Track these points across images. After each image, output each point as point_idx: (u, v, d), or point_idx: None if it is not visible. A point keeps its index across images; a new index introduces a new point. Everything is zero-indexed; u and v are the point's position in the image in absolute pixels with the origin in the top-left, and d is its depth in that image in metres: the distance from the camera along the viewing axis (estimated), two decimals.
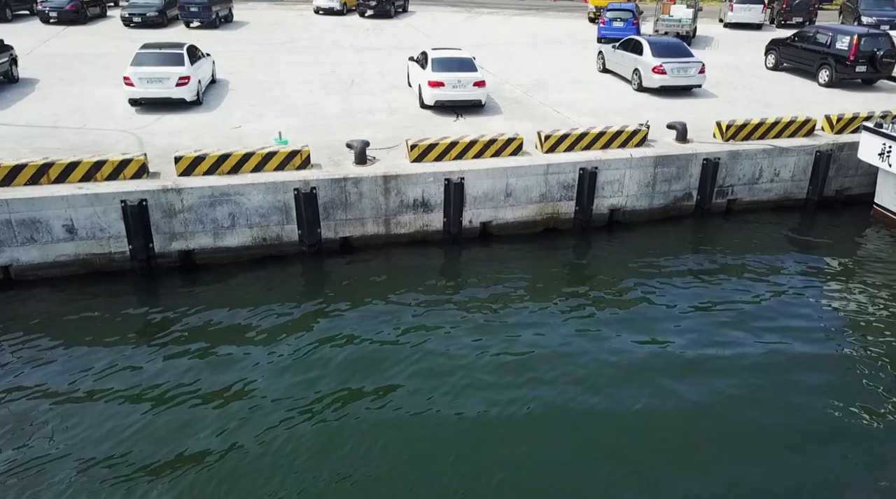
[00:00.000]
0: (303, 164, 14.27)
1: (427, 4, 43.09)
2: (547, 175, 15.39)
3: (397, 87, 21.81)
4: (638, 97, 21.16)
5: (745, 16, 33.10)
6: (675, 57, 21.08)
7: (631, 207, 16.31)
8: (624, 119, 18.69)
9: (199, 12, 31.44)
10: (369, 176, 14.30)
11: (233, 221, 13.81)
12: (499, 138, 15.36)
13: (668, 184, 16.33)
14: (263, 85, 21.64)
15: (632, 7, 30.02)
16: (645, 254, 15.18)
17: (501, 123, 18.22)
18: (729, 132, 16.76)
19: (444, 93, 18.50)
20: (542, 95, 21.19)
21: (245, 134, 16.72)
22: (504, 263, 14.85)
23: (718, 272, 14.49)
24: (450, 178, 14.74)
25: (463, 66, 18.99)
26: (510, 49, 28.91)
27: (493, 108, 19.60)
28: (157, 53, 18.32)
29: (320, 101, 19.81)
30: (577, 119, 18.65)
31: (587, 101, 20.62)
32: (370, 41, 30.17)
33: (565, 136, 15.74)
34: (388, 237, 14.95)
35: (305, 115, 18.37)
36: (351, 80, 22.74)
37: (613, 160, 15.72)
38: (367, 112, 18.89)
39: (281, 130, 16.90)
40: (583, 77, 23.89)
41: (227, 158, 13.80)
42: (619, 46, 23.25)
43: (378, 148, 15.78)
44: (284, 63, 25.09)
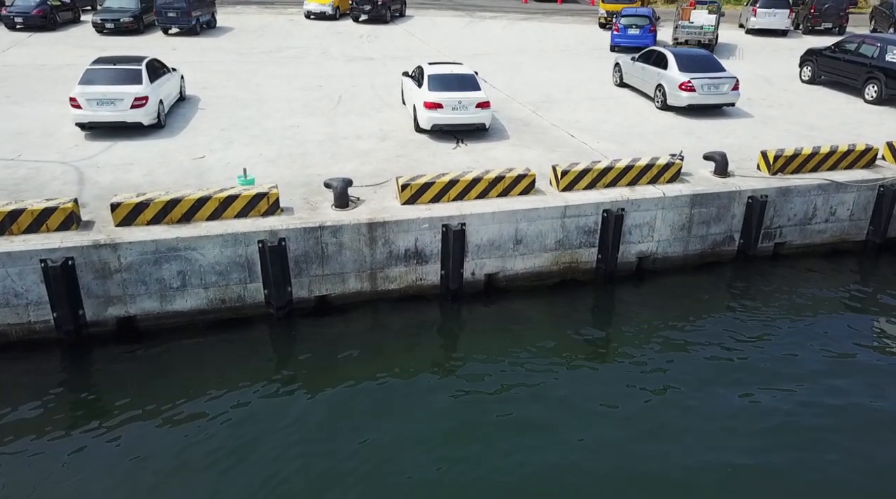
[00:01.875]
0: (270, 208, 11.79)
1: (426, 8, 40.62)
2: (564, 218, 12.91)
3: (390, 106, 19.32)
4: (663, 118, 18.65)
5: (770, 21, 30.59)
6: (704, 71, 18.58)
7: (663, 253, 13.82)
8: (649, 145, 16.21)
9: (178, 17, 28.98)
10: (351, 223, 11.82)
11: (184, 280, 11.33)
12: (507, 175, 12.87)
13: (706, 226, 13.84)
14: (239, 103, 19.15)
15: (648, 13, 27.51)
16: (678, 309, 12.76)
17: (508, 151, 15.73)
18: (777, 164, 14.27)
19: (443, 116, 16.01)
20: (554, 115, 18.69)
21: (208, 167, 14.23)
22: (513, 322, 12.43)
23: (763, 329, 12.10)
24: (448, 224, 12.26)
25: (464, 83, 16.49)
26: (516, 59, 26.41)
27: (499, 131, 17.11)
28: (110, 70, 15.85)
29: (301, 124, 17.32)
30: (595, 145, 16.16)
31: (605, 122, 18.11)
32: (363, 50, 27.69)
33: (586, 171, 13.25)
34: (373, 294, 12.47)
35: (282, 142, 15.87)
36: (338, 96, 20.26)
37: (643, 200, 13.23)
38: (354, 137, 16.40)
39: (252, 160, 14.47)
40: (598, 92, 21.38)
41: (177, 204, 11.31)
42: (638, 58, 20.75)
43: (364, 184, 13.31)
44: (266, 76, 22.60)
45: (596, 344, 12.01)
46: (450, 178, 12.64)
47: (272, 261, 11.49)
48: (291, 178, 13.67)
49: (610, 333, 12.43)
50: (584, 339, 12.07)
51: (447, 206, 12.50)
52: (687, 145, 16.24)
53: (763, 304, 13.09)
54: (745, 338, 11.85)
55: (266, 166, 14.28)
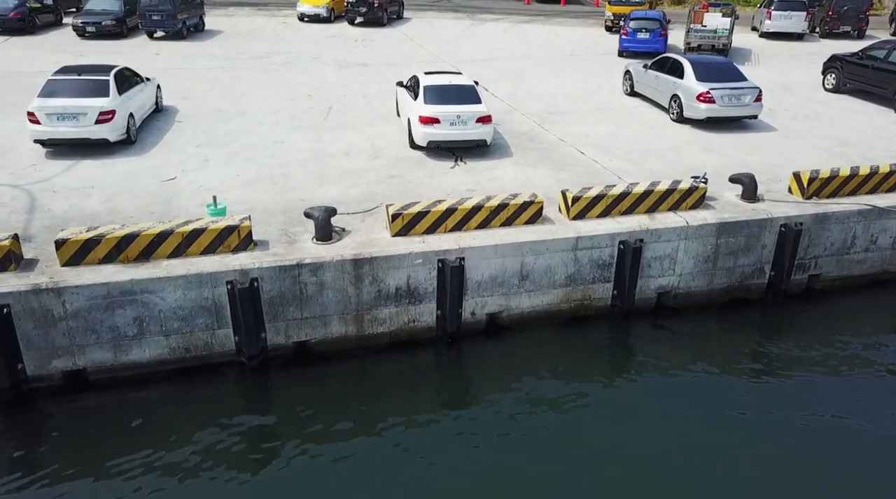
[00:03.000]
0: (242, 243, 10.33)
1: (424, 10, 39.15)
2: (576, 251, 11.45)
3: (383, 118, 17.85)
4: (678, 131, 17.18)
5: (786, 24, 29.08)
6: (724, 81, 17.11)
7: (685, 288, 12.36)
8: (666, 163, 14.75)
9: (163, 20, 27.51)
10: (333, 260, 10.36)
11: (141, 327, 9.87)
12: (511, 203, 11.41)
13: (733, 258, 12.38)
14: (220, 116, 17.68)
15: (659, 16, 26.03)
16: (702, 350, 11.42)
17: (512, 170, 14.27)
18: (812, 187, 12.81)
19: (440, 131, 14.55)
20: (561, 128, 17.22)
21: (178, 191, 12.77)
22: (518, 365, 11.05)
23: (796, 373, 10.71)
24: (445, 258, 10.81)
25: (463, 96, 15.04)
26: (519, 65, 24.95)
27: (501, 147, 15.65)
28: (74, 81, 14.39)
29: (285, 140, 15.85)
30: (607, 164, 14.69)
31: (617, 136, 16.64)
32: (357, 55, 26.23)
33: (599, 197, 11.79)
34: (360, 339, 11.02)
35: (262, 161, 14.41)
36: (328, 107, 18.79)
37: (664, 230, 11.77)
38: (343, 155, 14.93)
39: (228, 182, 13.06)
40: (607, 102, 19.91)
41: (134, 240, 9.86)
42: (651, 66, 19.29)
43: (350, 212, 11.86)
44: (252, 85, 21.13)
45: (612, 388, 10.58)
46: (446, 206, 11.18)
47: (243, 304, 10.03)
48: (270, 204, 12.21)
49: (627, 377, 10.98)
50: (598, 381, 10.64)
51: (444, 238, 11.04)
52: (707, 164, 14.80)
53: (796, 345, 11.67)
54: (778, 384, 10.42)
55: (243, 190, 12.82)
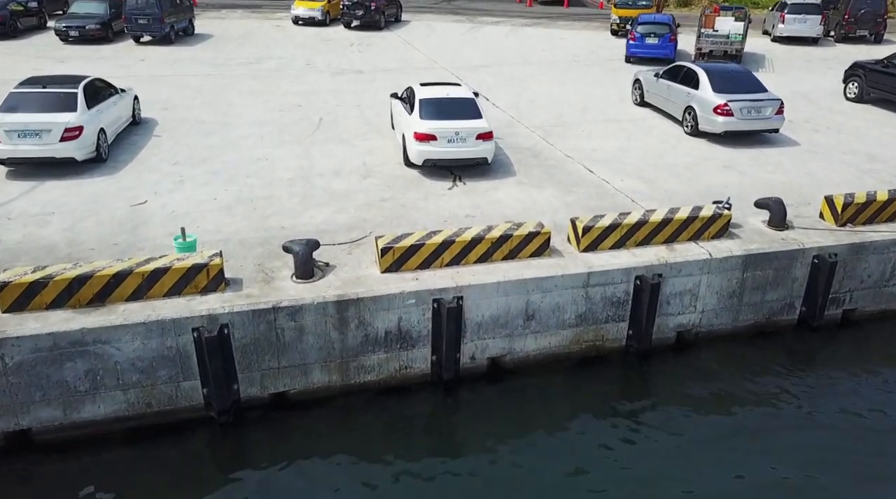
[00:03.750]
0: (211, 284, 9.15)
1: (423, 12, 37.97)
2: (587, 288, 10.27)
3: (377, 131, 16.67)
4: (693, 146, 15.98)
5: (800, 28, 27.88)
6: (743, 92, 15.91)
7: (707, 325, 11.18)
8: (682, 183, 13.56)
9: (150, 25, 26.34)
10: (314, 302, 9.18)
11: (94, 381, 8.70)
12: (514, 234, 10.22)
13: (760, 292, 11.19)
14: (202, 129, 16.51)
15: (668, 20, 24.82)
16: (725, 395, 10.23)
17: (515, 192, 13.09)
18: (847, 214, 11.62)
19: (437, 149, 13.37)
20: (567, 143, 16.03)
21: (147, 217, 11.59)
22: (522, 414, 9.90)
23: (832, 418, 9.49)
24: (441, 298, 9.63)
25: (462, 110, 13.86)
26: (521, 71, 23.75)
27: (503, 165, 14.46)
28: (38, 94, 13.24)
29: (270, 156, 14.67)
30: (618, 184, 13.51)
31: (627, 152, 15.45)
32: (352, 61, 25.04)
33: (613, 227, 10.60)
34: (345, 388, 9.85)
35: (244, 181, 13.23)
36: (319, 119, 17.61)
37: (685, 263, 10.58)
38: (332, 174, 13.75)
39: (204, 206, 11.91)
40: (615, 113, 18.72)
41: (87, 281, 8.69)
42: (663, 75, 18.09)
43: (336, 242, 10.69)
44: (240, 93, 19.95)
45: (627, 440, 9.39)
46: (443, 238, 9.99)
47: (211, 353, 8.85)
48: (247, 233, 11.03)
49: (643, 427, 9.76)
50: (612, 432, 9.44)
51: (439, 274, 9.86)
52: (727, 183, 13.62)
53: (831, 390, 10.48)
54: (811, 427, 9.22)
55: (219, 216, 11.64)
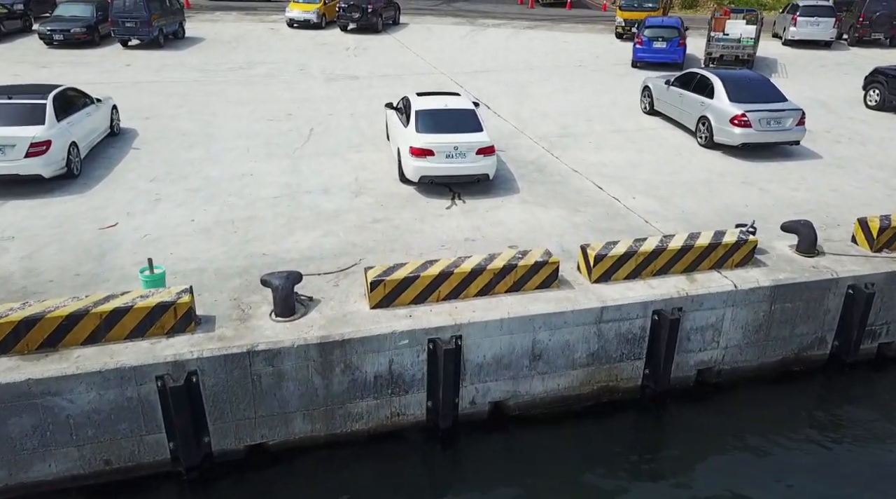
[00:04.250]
0: (180, 323, 8.15)
1: (422, 14, 36.96)
2: (600, 324, 9.26)
3: (371, 142, 15.67)
4: (709, 159, 14.96)
5: (812, 31, 26.87)
6: (761, 101, 14.92)
7: (731, 362, 10.16)
8: (699, 201, 12.56)
9: (137, 28, 25.34)
10: (295, 345, 8.18)
11: (44, 438, 7.69)
12: (519, 263, 9.21)
13: (789, 326, 10.18)
14: (185, 140, 15.50)
15: (677, 23, 23.81)
16: (750, 439, 9.20)
17: (518, 211, 12.08)
18: (883, 238, 10.60)
19: (434, 165, 12.37)
20: (574, 155, 15.03)
21: (117, 242, 10.58)
22: (526, 462, 8.89)
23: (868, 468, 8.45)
24: (438, 338, 8.63)
25: (461, 122, 12.86)
26: (524, 77, 22.74)
27: (506, 181, 13.46)
28: (2, 106, 12.22)
29: (256, 171, 13.67)
30: (630, 203, 12.50)
31: (638, 166, 14.44)
32: (347, 66, 24.03)
33: (628, 256, 9.59)
34: (331, 438, 8.84)
35: (225, 200, 12.23)
36: (310, 129, 16.61)
37: (707, 296, 9.57)
38: (321, 191, 12.75)
39: (180, 229, 10.90)
40: (624, 122, 17.70)
41: (37, 324, 7.68)
42: (675, 82, 17.08)
43: (322, 272, 9.69)
44: (227, 101, 18.94)
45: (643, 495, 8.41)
46: (440, 269, 8.98)
47: (178, 404, 7.85)
48: (225, 260, 10.02)
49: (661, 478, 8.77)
50: (627, 485, 8.44)
51: (436, 309, 8.85)
52: (747, 201, 12.62)
53: (867, 435, 9.46)
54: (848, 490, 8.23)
55: (195, 241, 10.63)
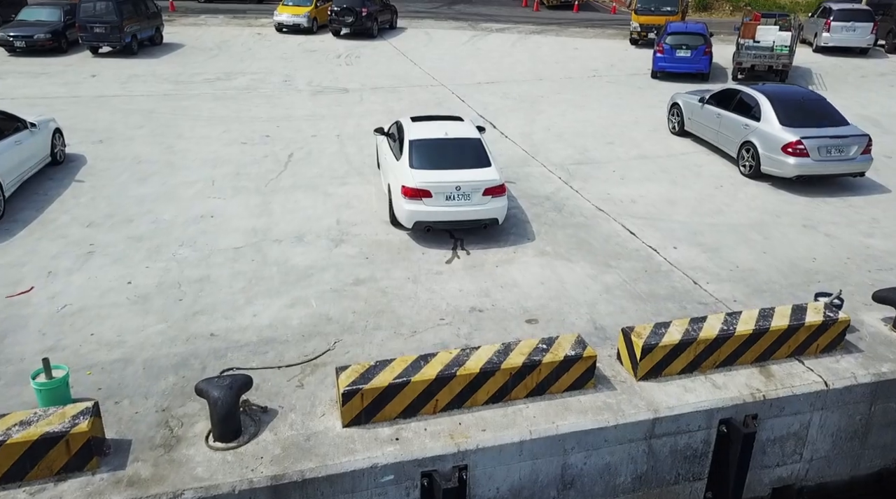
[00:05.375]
0: (76, 460, 5.86)
1: (421, 18, 34.67)
2: (651, 440, 6.98)
3: (358, 172, 13.40)
4: (758, 194, 12.66)
5: (848, 38, 24.59)
6: (818, 125, 12.65)
7: (816, 477, 7.88)
8: (754, 252, 10.26)
9: (107, 34, 23.05)
10: (236, 490, 5.88)
11: None
12: (543, 360, 6.92)
13: (889, 430, 7.89)
14: (140, 169, 13.22)
15: (702, 30, 21.49)
16: None
17: (535, 267, 9.79)
18: None
19: (432, 209, 10.08)
20: (597, 188, 12.75)
21: (25, 317, 8.29)
22: None
23: None
24: (434, 471, 6.34)
25: (465, 155, 10.59)
26: (533, 90, 20.45)
27: (518, 223, 11.18)
28: None
29: (218, 212, 11.38)
30: (670, 254, 10.21)
31: (674, 203, 12.16)
32: (337, 76, 21.73)
33: (684, 345, 7.30)
34: None
35: (175, 253, 9.93)
36: (288, 155, 14.32)
37: (789, 399, 7.28)
38: (293, 240, 10.45)
39: (112, 295, 8.62)
40: (651, 146, 15.40)
41: None
42: (710, 100, 14.79)
43: (283, 363, 7.40)
44: (197, 120, 16.64)
45: None
46: (437, 370, 6.69)
47: None
48: (161, 346, 7.74)
49: None
50: None
51: (432, 427, 6.57)
52: (815, 253, 10.35)
53: None
54: None
55: (127, 314, 8.34)
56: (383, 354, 7.68)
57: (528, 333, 8.13)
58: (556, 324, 8.36)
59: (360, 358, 7.57)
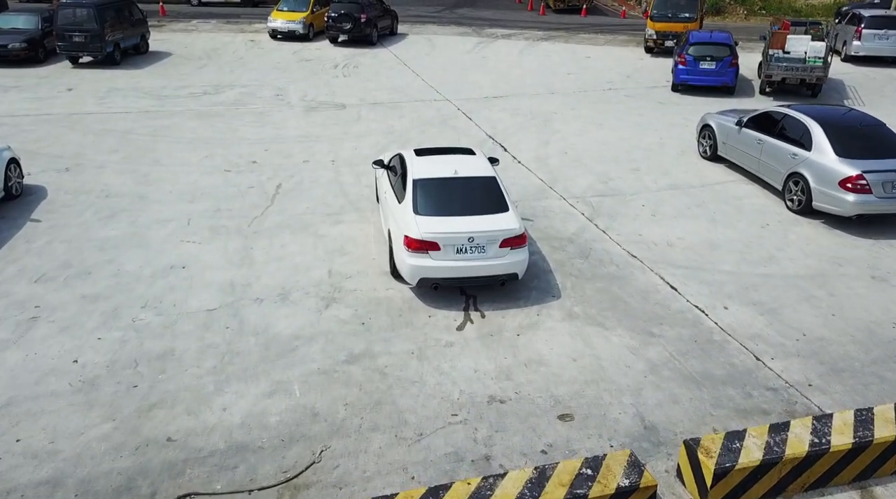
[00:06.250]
0: None
1: (423, 23, 33.08)
2: None
3: (354, 207, 11.83)
4: (812, 236, 11.07)
5: (880, 46, 22.97)
6: (881, 155, 11.08)
7: None
8: (819, 314, 8.71)
9: (87, 43, 21.45)
10: None
11: None
12: (590, 495, 5.34)
13: None
14: (107, 205, 11.66)
15: (728, 39, 19.88)
16: None
17: (565, 336, 8.21)
18: None
19: (440, 264, 8.52)
20: (626, 228, 11.18)
21: None
22: None
23: None
24: None
25: (478, 198, 9.03)
26: (545, 105, 18.87)
27: (540, 273, 9.61)
28: None
29: (191, 259, 9.81)
30: (724, 318, 8.63)
31: (717, 247, 10.58)
32: (333, 90, 20.15)
33: (768, 465, 5.71)
34: None
35: (134, 319, 8.35)
36: (276, 185, 12.76)
37: None
38: (276, 298, 8.88)
39: (44, 385, 7.05)
40: (681, 174, 13.82)
41: None
42: (749, 123, 13.22)
43: (256, 486, 5.82)
44: (177, 142, 15.07)
45: None
46: None
47: None
48: (102, 459, 6.17)
49: None
50: None
51: None
52: (892, 311, 8.74)
53: None
54: None
55: (67, 408, 6.77)
56: (381, 468, 6.12)
57: (563, 436, 6.56)
58: (596, 421, 6.79)
59: (352, 475, 6.02)
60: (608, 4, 41.86)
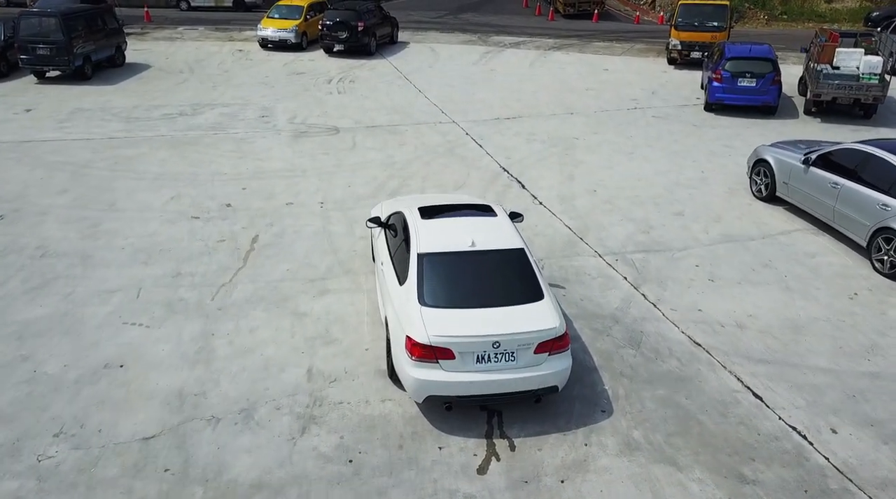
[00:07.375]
0: None
1: (425, 30, 30.86)
2: None
3: (345, 267, 9.64)
4: None
5: None
6: None
7: None
8: None
9: (53, 55, 19.29)
10: None
11: None
12: None
13: None
14: (41, 267, 9.48)
15: (769, 53, 17.63)
16: None
17: (626, 484, 6.04)
18: None
19: (455, 378, 6.35)
20: (680, 299, 8.99)
21: None
22: None
23: None
24: None
25: (504, 281, 6.91)
26: (564, 128, 16.66)
27: (580, 373, 7.43)
28: None
29: (131, 353, 7.62)
30: (835, 451, 6.45)
31: (800, 329, 8.39)
32: (326, 109, 17.94)
33: None
34: None
35: (44, 451, 6.16)
36: (252, 237, 10.57)
37: None
38: (237, 417, 6.69)
39: None
40: (734, 218, 11.63)
41: None
42: (819, 161, 11.03)
43: None
44: (140, 179, 12.87)
45: None
46: None
47: None
48: None
49: None
50: None
51: None
52: None
53: None
54: None
55: None
56: None
57: None
58: None
59: None
60: (620, 10, 39.70)
